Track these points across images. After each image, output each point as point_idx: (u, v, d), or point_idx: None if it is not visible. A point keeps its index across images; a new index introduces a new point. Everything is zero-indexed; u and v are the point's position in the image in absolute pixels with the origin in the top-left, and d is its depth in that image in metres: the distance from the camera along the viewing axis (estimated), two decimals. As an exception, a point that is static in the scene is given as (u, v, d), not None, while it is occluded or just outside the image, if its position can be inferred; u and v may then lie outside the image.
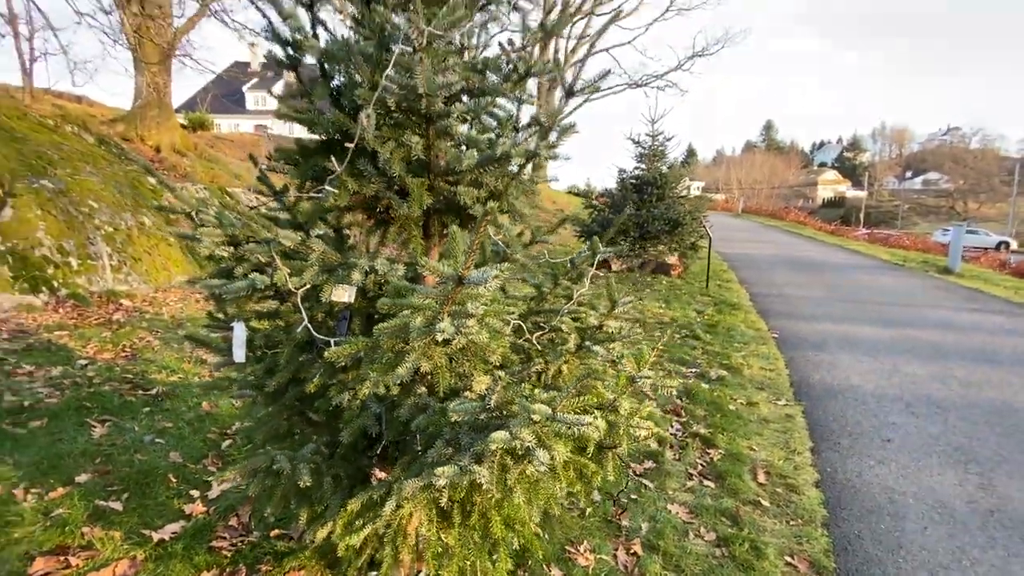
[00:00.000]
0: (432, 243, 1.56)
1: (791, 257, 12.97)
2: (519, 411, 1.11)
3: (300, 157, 1.36)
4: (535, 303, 1.74)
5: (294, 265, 1.30)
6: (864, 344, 5.43)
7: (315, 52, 1.16)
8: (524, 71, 1.45)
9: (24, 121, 6.54)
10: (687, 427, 3.54)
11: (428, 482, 1.10)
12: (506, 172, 1.41)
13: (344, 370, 1.52)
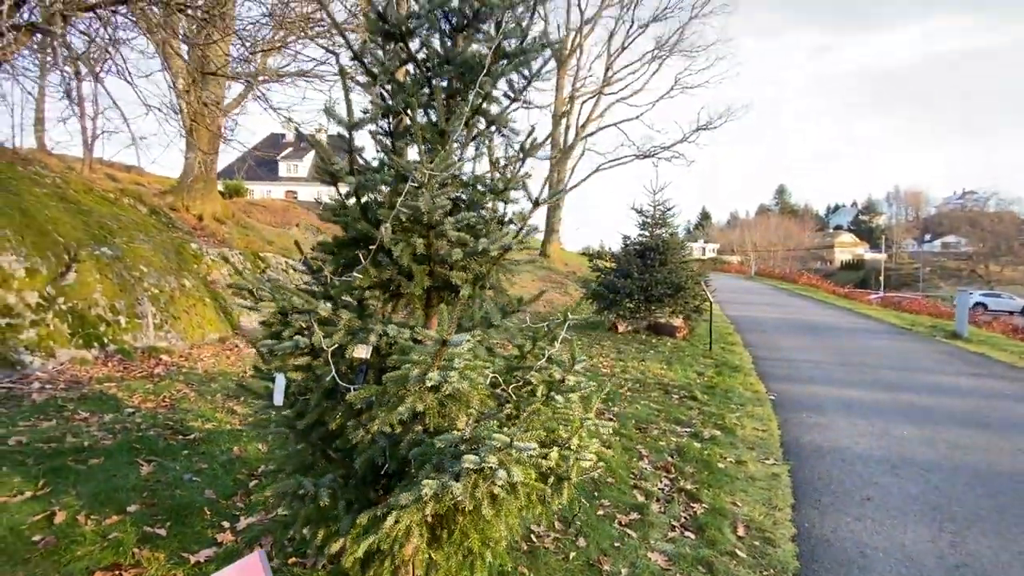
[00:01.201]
0: (432, 312, 2.00)
1: (799, 320, 13.12)
2: (487, 441, 1.49)
3: (336, 249, 1.84)
4: (517, 360, 2.14)
5: (327, 329, 1.74)
6: (859, 407, 5.58)
7: (351, 184, 1.66)
8: (505, 185, 1.94)
9: (90, 195, 7.42)
10: (675, 483, 3.76)
11: (418, 495, 1.47)
12: (488, 260, 1.86)
13: (359, 413, 1.92)
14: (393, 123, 1.89)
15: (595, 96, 22.19)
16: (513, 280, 2.21)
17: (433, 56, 1.84)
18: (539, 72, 2.00)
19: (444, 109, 1.80)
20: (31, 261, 5.14)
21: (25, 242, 5.25)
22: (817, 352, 8.71)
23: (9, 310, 4.75)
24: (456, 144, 1.88)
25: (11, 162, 6.80)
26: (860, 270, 67.87)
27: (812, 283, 27.04)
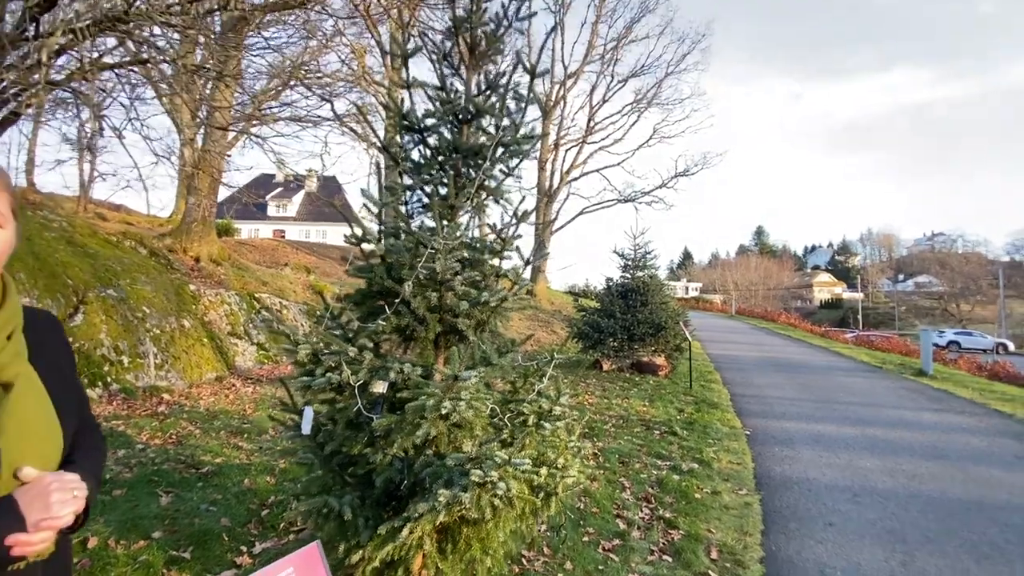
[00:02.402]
0: (440, 353, 2.36)
1: (775, 359, 13.61)
2: (490, 459, 1.83)
3: (361, 299, 2.21)
4: (511, 394, 2.49)
5: (353, 367, 2.09)
6: (827, 441, 5.95)
7: (379, 249, 2.05)
8: (501, 246, 2.35)
9: (94, 238, 7.71)
10: (655, 512, 4.04)
11: (432, 505, 1.79)
12: (488, 309, 2.25)
13: (374, 442, 2.24)
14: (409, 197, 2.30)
15: (578, 144, 23.34)
16: (507, 324, 2.59)
17: (444, 144, 2.28)
18: (528, 153, 2.46)
19: (454, 187, 2.22)
20: (43, 303, 5.38)
21: (38, 284, 5.50)
22: (791, 389, 9.12)
23: (20, 350, 4.94)
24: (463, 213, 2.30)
25: (22, 207, 7.09)
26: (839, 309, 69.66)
27: (791, 322, 27.84)
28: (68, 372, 0.99)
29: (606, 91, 23.50)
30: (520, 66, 2.19)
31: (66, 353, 1.02)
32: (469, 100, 2.34)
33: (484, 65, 2.45)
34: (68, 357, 1.02)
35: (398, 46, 2.16)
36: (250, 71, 9.19)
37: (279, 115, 10.80)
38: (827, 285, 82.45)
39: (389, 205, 2.09)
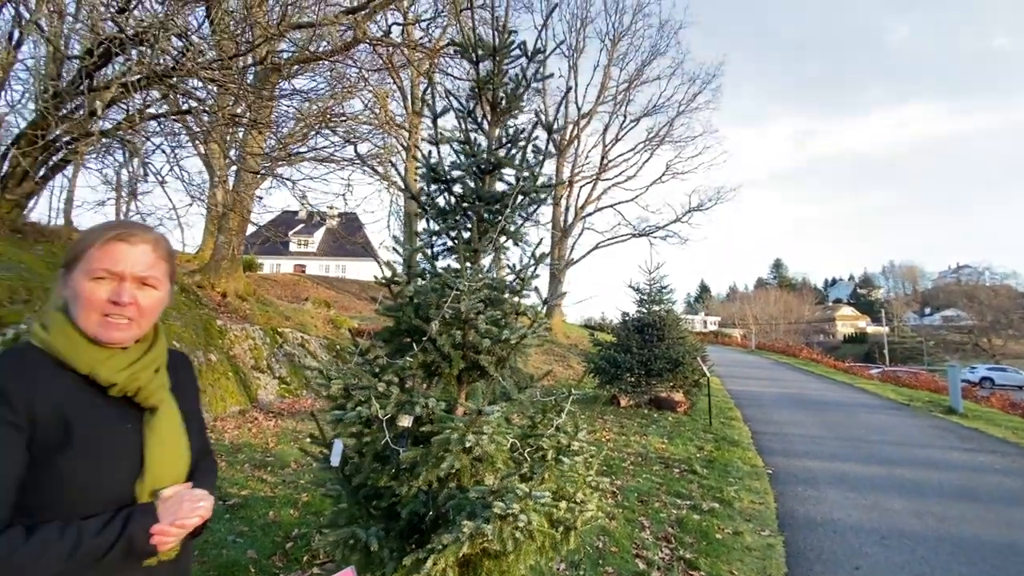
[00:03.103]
0: (462, 388, 2.47)
1: (797, 396, 13.33)
2: (511, 492, 1.91)
3: (390, 336, 2.36)
4: (530, 429, 2.58)
5: (382, 401, 2.21)
6: (852, 481, 5.81)
7: (409, 290, 2.21)
8: (520, 287, 2.50)
9: (130, 275, 8.09)
10: (675, 552, 4.00)
11: (457, 536, 1.87)
12: (509, 346, 2.37)
13: (399, 475, 2.33)
14: (435, 241, 2.48)
15: (592, 181, 23.79)
16: (527, 360, 2.70)
17: (468, 193, 2.47)
18: (546, 200, 2.63)
19: (477, 232, 2.39)
20: (82, 338, 5.64)
21: (78, 321, 5.79)
22: (814, 427, 8.92)
23: (60, 383, 5.18)
24: (484, 256, 2.46)
25: (65, 245, 7.52)
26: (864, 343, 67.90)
27: (813, 357, 27.24)
28: (194, 403, 1.19)
29: (619, 130, 24.11)
30: (539, 124, 2.38)
31: (193, 387, 1.22)
32: (491, 153, 2.53)
33: (505, 121, 2.67)
34: (194, 391, 1.22)
35: (428, 107, 2.39)
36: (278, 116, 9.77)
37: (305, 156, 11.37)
38: (850, 319, 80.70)
39: (418, 251, 2.26)
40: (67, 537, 0.87)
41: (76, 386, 0.97)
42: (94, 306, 0.97)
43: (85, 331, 0.97)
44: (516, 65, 2.65)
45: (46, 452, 0.90)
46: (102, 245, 0.99)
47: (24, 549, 0.84)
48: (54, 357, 0.96)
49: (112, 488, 0.95)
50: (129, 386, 1.00)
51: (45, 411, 0.91)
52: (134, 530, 0.92)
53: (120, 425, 1.00)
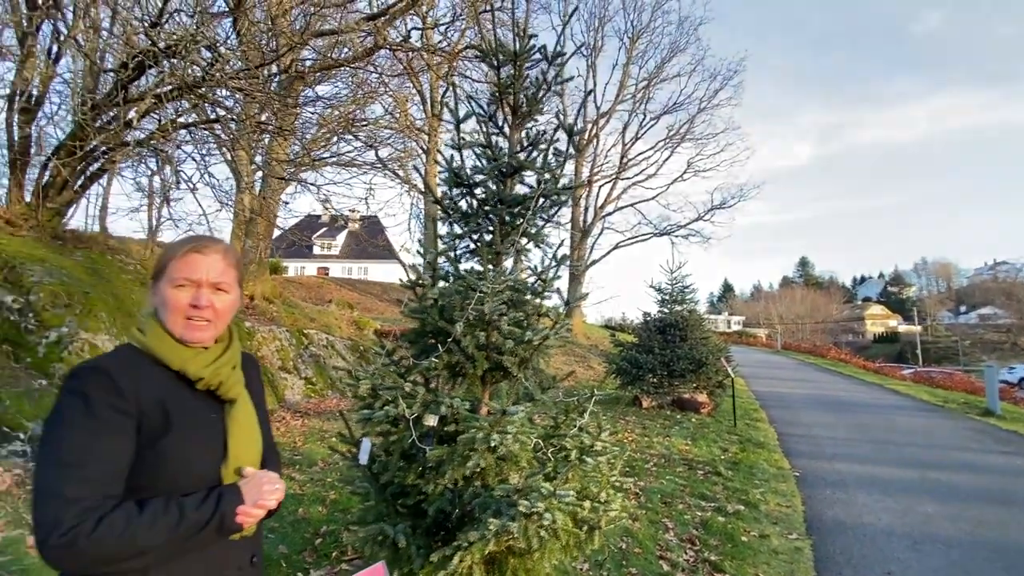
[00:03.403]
0: (486, 389, 2.51)
1: (825, 397, 13.02)
2: (536, 491, 1.94)
3: (416, 337, 2.41)
4: (553, 429, 2.61)
5: (408, 401, 2.27)
6: (883, 484, 5.66)
7: (434, 293, 2.26)
8: (542, 289, 2.53)
9: (163, 280, 8.38)
10: (700, 554, 3.97)
11: (482, 533, 1.91)
12: (531, 347, 2.40)
13: (425, 473, 2.38)
14: (458, 244, 2.53)
15: (612, 180, 23.64)
16: (549, 361, 2.73)
17: (490, 196, 2.51)
18: (566, 202, 2.65)
19: (499, 235, 2.43)
20: (120, 340, 5.88)
21: (116, 323, 6.03)
22: (843, 429, 8.71)
23: (100, 384, 5.40)
24: (506, 258, 2.50)
25: (102, 252, 7.84)
26: (895, 343, 65.84)
27: (841, 357, 26.53)
28: (261, 399, 1.31)
29: (639, 128, 23.91)
30: (560, 127, 2.41)
31: (260, 385, 1.34)
32: (512, 156, 2.57)
33: (525, 124, 2.70)
34: (261, 388, 1.34)
35: (450, 112, 2.44)
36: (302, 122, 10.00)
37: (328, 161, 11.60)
38: (880, 318, 78.34)
39: (442, 254, 2.31)
40: (171, 511, 0.99)
41: (170, 381, 1.10)
42: (178, 310, 1.11)
43: (173, 332, 1.11)
44: (536, 68, 2.68)
45: (150, 437, 1.03)
46: (181, 257, 1.13)
47: (139, 520, 0.95)
48: (151, 356, 1.10)
49: (203, 469, 1.08)
50: (213, 381, 1.13)
51: (149, 402, 1.04)
52: (225, 508, 1.03)
53: (207, 415, 1.13)
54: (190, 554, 1.04)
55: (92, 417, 0.98)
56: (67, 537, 0.90)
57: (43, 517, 0.92)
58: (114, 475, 0.99)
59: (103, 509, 0.94)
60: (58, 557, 0.92)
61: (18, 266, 5.78)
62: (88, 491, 0.95)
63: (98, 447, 0.98)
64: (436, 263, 2.29)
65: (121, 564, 0.95)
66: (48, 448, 0.98)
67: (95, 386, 1.00)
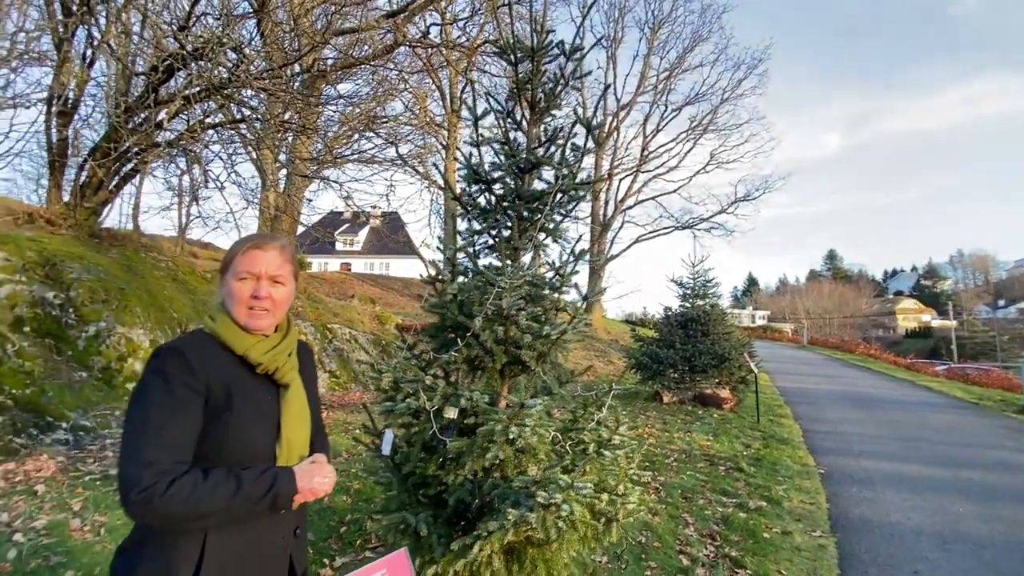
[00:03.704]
0: (504, 382, 2.55)
1: (853, 393, 12.70)
2: (554, 483, 1.97)
3: (436, 332, 2.46)
4: (571, 423, 2.63)
5: (429, 394, 2.32)
6: (912, 483, 5.53)
7: (453, 288, 2.30)
8: (560, 284, 2.54)
9: (193, 276, 8.65)
10: (720, 549, 3.94)
11: (501, 523, 1.95)
12: (549, 341, 2.42)
13: (444, 465, 2.44)
14: (477, 240, 2.56)
15: (632, 173, 23.37)
16: (567, 355, 2.75)
17: (508, 192, 2.53)
18: (584, 197, 2.66)
19: (517, 230, 2.46)
20: (154, 334, 6.12)
21: (149, 318, 6.27)
22: (871, 426, 8.51)
23: (135, 375, 5.64)
24: (524, 253, 2.52)
25: (136, 249, 8.13)
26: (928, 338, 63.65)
27: (870, 353, 25.80)
28: (313, 386, 1.43)
29: (660, 120, 23.56)
30: (578, 122, 2.42)
31: (313, 373, 1.46)
32: (530, 152, 2.59)
33: (544, 119, 2.71)
34: (314, 376, 1.46)
35: (468, 109, 2.46)
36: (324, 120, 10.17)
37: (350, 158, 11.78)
38: (913, 312, 75.79)
39: (461, 249, 2.34)
40: (231, 481, 1.11)
41: (234, 364, 1.23)
42: (241, 300, 1.23)
43: (237, 321, 1.24)
44: (555, 63, 2.69)
45: (214, 413, 1.16)
46: (244, 253, 1.26)
47: (203, 486, 1.08)
48: (219, 341, 1.23)
49: (258, 445, 1.21)
50: (270, 366, 1.26)
51: (215, 382, 1.17)
52: (279, 488, 1.16)
53: (263, 397, 1.26)
54: (245, 524, 1.17)
55: (170, 393, 1.11)
56: (144, 494, 1.03)
57: (126, 476, 1.06)
58: (186, 444, 1.12)
59: (175, 473, 1.07)
60: (136, 511, 1.05)
61: (58, 263, 6.05)
62: (164, 456, 1.08)
63: (173, 419, 1.11)
64: (455, 259, 2.33)
65: (186, 524, 1.08)
66: (133, 418, 1.12)
67: (173, 365, 1.13)
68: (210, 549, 1.13)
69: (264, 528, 1.21)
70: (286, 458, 1.24)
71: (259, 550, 1.21)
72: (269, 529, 1.22)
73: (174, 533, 1.11)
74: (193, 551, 1.11)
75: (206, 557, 1.12)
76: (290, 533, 1.29)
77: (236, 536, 1.16)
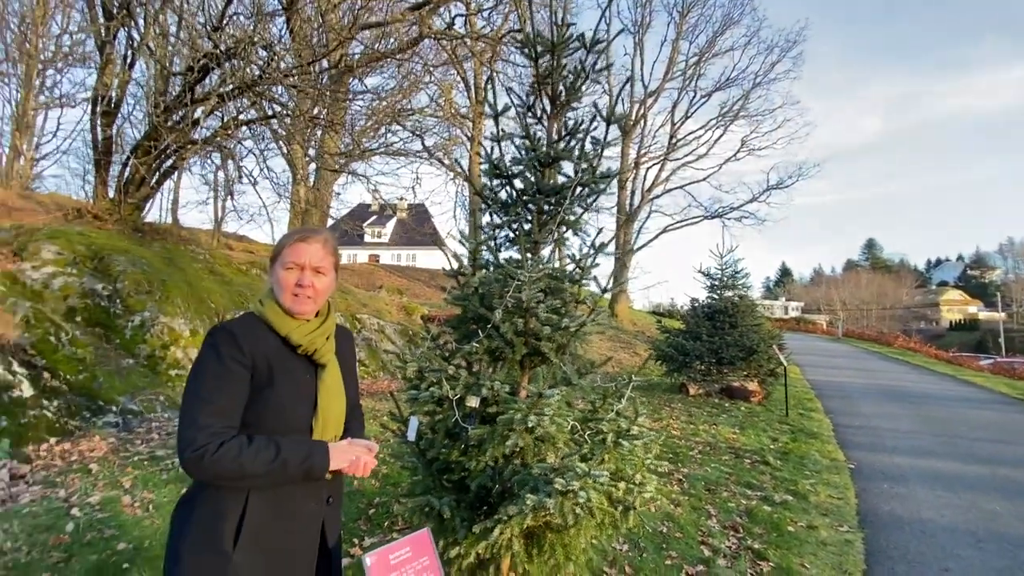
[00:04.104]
0: (525, 373, 2.61)
1: (889, 387, 12.31)
2: (571, 470, 2.03)
3: (458, 323, 2.54)
4: (591, 413, 2.68)
5: (452, 383, 2.40)
6: (947, 480, 5.37)
7: (474, 281, 2.37)
8: (579, 277, 2.58)
9: (229, 267, 9.00)
10: (743, 541, 3.94)
11: (521, 508, 2.03)
12: (568, 333, 2.47)
13: (467, 451, 2.52)
14: (497, 234, 2.62)
15: (660, 161, 22.96)
16: (587, 346, 2.79)
17: (528, 186, 2.57)
18: (605, 190, 2.68)
19: (537, 224, 2.50)
20: (194, 324, 6.42)
21: (190, 308, 6.58)
22: (906, 421, 8.25)
23: (177, 362, 5.95)
24: (544, 246, 2.57)
25: (176, 242, 8.51)
26: (975, 331, 60.78)
27: (909, 346, 24.83)
28: (351, 367, 1.56)
29: (689, 106, 23.02)
30: (598, 115, 2.43)
31: (352, 355, 1.59)
32: (550, 146, 2.62)
33: (564, 113, 2.73)
34: (352, 357, 1.60)
35: (489, 106, 2.51)
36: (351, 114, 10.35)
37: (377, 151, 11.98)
38: (958, 303, 72.41)
39: (482, 243, 2.41)
40: (271, 448, 1.25)
41: (278, 344, 1.37)
42: (288, 288, 1.37)
43: (283, 305, 1.38)
44: (576, 56, 2.70)
45: (258, 386, 1.31)
46: (291, 245, 1.39)
47: (248, 450, 1.23)
48: (265, 323, 1.37)
49: (296, 417, 1.35)
50: (309, 347, 1.38)
51: (260, 358, 1.31)
52: (314, 459, 1.30)
53: (302, 375, 1.39)
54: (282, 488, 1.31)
55: (222, 365, 1.26)
56: (197, 453, 1.18)
57: (183, 437, 1.21)
58: (234, 410, 1.27)
59: (224, 436, 1.22)
60: (190, 467, 1.20)
61: (106, 257, 6.40)
62: (215, 420, 1.23)
63: (223, 389, 1.26)
64: (478, 252, 2.39)
65: (233, 482, 1.24)
66: (191, 386, 1.27)
67: (224, 342, 1.28)
68: (251, 507, 1.27)
69: (300, 493, 1.34)
70: (321, 431, 1.37)
71: (293, 512, 1.33)
72: (304, 495, 1.35)
73: (222, 490, 1.26)
74: (237, 507, 1.26)
75: (247, 513, 1.27)
76: (323, 501, 1.42)
77: (273, 497, 1.30)
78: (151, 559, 2.83)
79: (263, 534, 1.29)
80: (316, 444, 1.34)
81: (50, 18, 17.34)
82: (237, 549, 1.25)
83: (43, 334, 5.02)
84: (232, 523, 1.26)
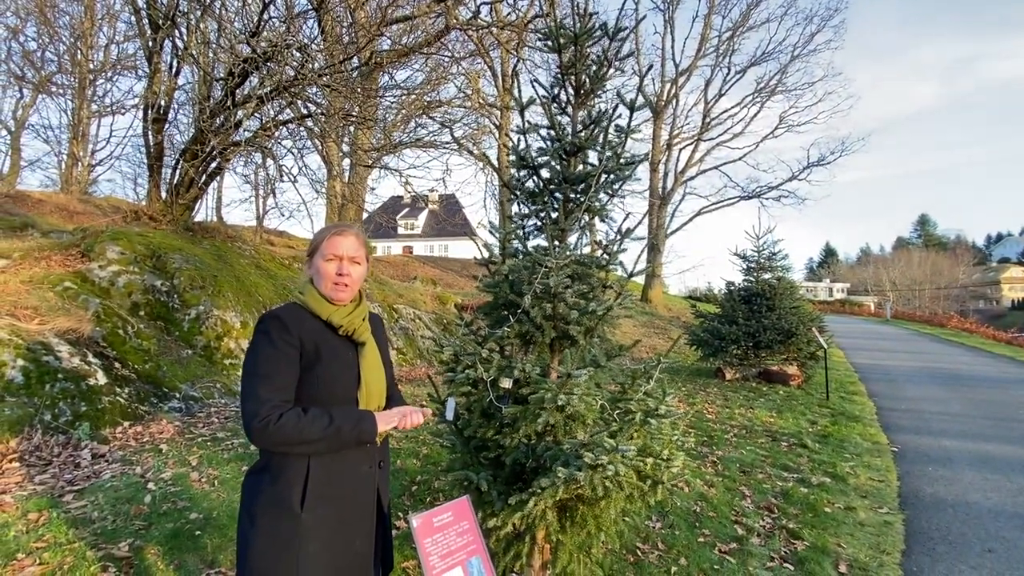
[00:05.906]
0: (554, 355, 2.73)
1: (938, 370, 11.80)
2: (600, 445, 2.15)
3: (490, 309, 2.68)
4: (619, 394, 2.78)
5: (485, 365, 2.55)
6: (996, 463, 5.20)
7: (504, 269, 2.49)
8: (607, 262, 2.67)
9: (272, 262, 9.45)
10: (777, 521, 3.97)
11: (553, 480, 2.16)
12: (596, 317, 2.57)
13: (501, 429, 2.67)
14: (526, 223, 2.73)
15: (693, 142, 22.39)
16: (615, 330, 2.88)
17: (554, 175, 2.67)
18: (630, 176, 2.74)
19: (563, 212, 2.60)
20: (244, 316, 6.82)
21: (239, 302, 6.99)
22: (956, 404, 7.95)
23: (231, 352, 6.36)
24: (571, 234, 2.66)
25: (223, 240, 8.99)
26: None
27: (965, 327, 23.55)
28: (384, 347, 1.74)
29: (723, 84, 22.28)
30: (621, 103, 2.50)
31: (384, 339, 1.78)
32: (575, 136, 2.70)
33: (589, 101, 2.80)
34: (385, 342, 1.78)
35: (515, 99, 2.60)
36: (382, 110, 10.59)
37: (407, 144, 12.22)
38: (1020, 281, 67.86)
39: (511, 232, 2.52)
40: (325, 416, 1.43)
41: (321, 327, 1.54)
42: (328, 277, 1.55)
43: (323, 293, 1.56)
44: (599, 45, 2.76)
45: (307, 365, 1.48)
46: (329, 239, 1.57)
47: (305, 418, 1.39)
48: (308, 310, 1.54)
49: (342, 389, 1.53)
50: (348, 328, 1.56)
51: (307, 340, 1.48)
52: (364, 425, 1.48)
53: (345, 353, 1.56)
54: (338, 453, 1.48)
55: (273, 347, 1.43)
56: (262, 423, 1.34)
57: (247, 410, 1.38)
58: (289, 385, 1.44)
59: (283, 408, 1.39)
60: (256, 437, 1.36)
61: (163, 255, 6.86)
62: (275, 394, 1.39)
63: (277, 366, 1.42)
64: (507, 241, 2.52)
65: (293, 448, 1.40)
66: (249, 367, 1.44)
67: (273, 327, 1.46)
68: (313, 472, 1.44)
69: (354, 458, 1.52)
70: (366, 402, 1.54)
71: (350, 474, 1.51)
72: (358, 459, 1.54)
73: (287, 458, 1.43)
74: (301, 473, 1.43)
75: (310, 477, 1.44)
76: (375, 464, 1.60)
77: (331, 463, 1.47)
78: (220, 527, 3.13)
79: (326, 495, 1.46)
80: (364, 412, 1.51)
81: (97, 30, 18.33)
82: (305, 509, 1.42)
83: (112, 328, 5.47)
84: (298, 487, 1.43)
